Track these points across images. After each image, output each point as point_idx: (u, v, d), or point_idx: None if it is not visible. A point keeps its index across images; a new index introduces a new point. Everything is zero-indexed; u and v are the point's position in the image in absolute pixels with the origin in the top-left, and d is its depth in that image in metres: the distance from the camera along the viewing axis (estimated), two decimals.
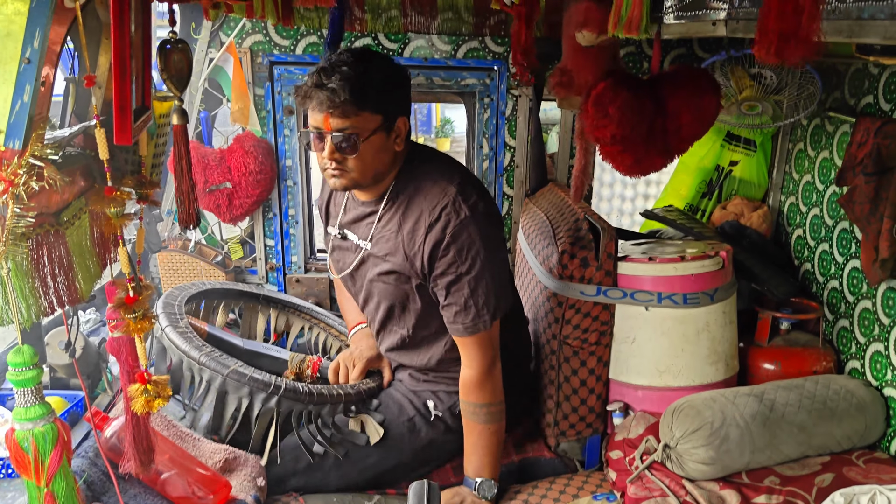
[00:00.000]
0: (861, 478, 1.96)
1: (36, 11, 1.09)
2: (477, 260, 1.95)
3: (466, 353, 2.06)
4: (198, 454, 1.98)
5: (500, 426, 2.10)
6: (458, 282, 1.97)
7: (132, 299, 1.36)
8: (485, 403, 2.06)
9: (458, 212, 1.93)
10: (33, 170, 1.12)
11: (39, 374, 1.20)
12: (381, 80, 1.88)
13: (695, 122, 1.83)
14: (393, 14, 2.80)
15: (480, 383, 2.06)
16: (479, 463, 2.09)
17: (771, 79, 2.63)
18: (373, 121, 1.87)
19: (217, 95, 2.98)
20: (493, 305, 2.00)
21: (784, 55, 0.95)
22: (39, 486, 1.20)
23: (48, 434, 1.19)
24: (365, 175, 1.95)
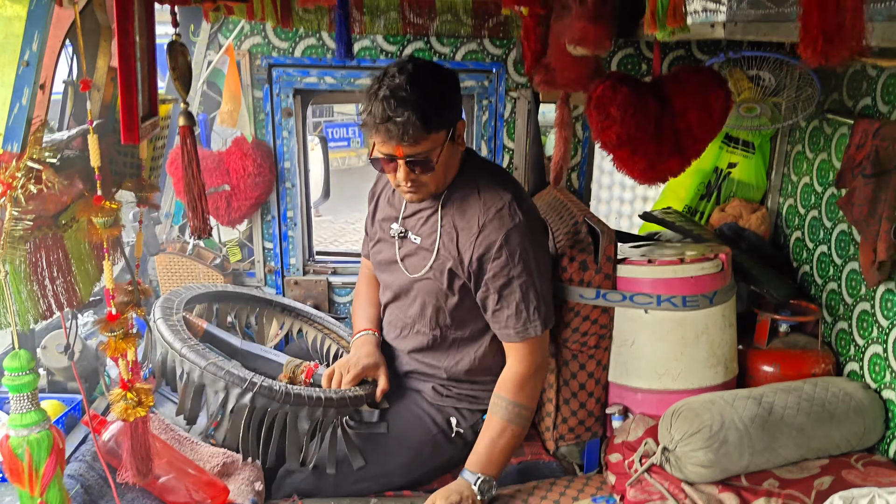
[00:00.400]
0: (860, 480, 1.96)
1: (34, 15, 1.09)
2: (529, 265, 2.00)
3: (514, 355, 2.07)
4: (195, 458, 1.97)
5: (522, 431, 2.08)
6: (510, 285, 2.00)
7: (114, 317, 1.34)
8: (518, 403, 2.05)
9: (513, 216, 2.00)
10: (31, 173, 1.12)
11: (35, 380, 1.19)
12: (440, 96, 1.92)
13: (704, 120, 1.82)
14: (392, 16, 2.80)
15: (521, 383, 2.05)
16: (489, 460, 2.04)
17: (769, 81, 2.63)
18: (441, 138, 1.93)
19: (215, 98, 2.98)
20: (543, 312, 2.03)
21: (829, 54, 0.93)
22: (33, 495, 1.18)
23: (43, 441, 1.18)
24: (439, 185, 2.05)
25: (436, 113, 1.89)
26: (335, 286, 3.17)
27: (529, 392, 2.07)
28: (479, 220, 2.01)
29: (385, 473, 2.12)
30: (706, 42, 2.91)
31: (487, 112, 3.00)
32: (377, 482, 2.12)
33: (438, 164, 1.95)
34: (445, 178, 2.05)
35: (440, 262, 2.08)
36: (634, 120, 1.72)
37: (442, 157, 1.95)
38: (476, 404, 2.25)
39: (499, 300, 2.03)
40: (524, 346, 2.05)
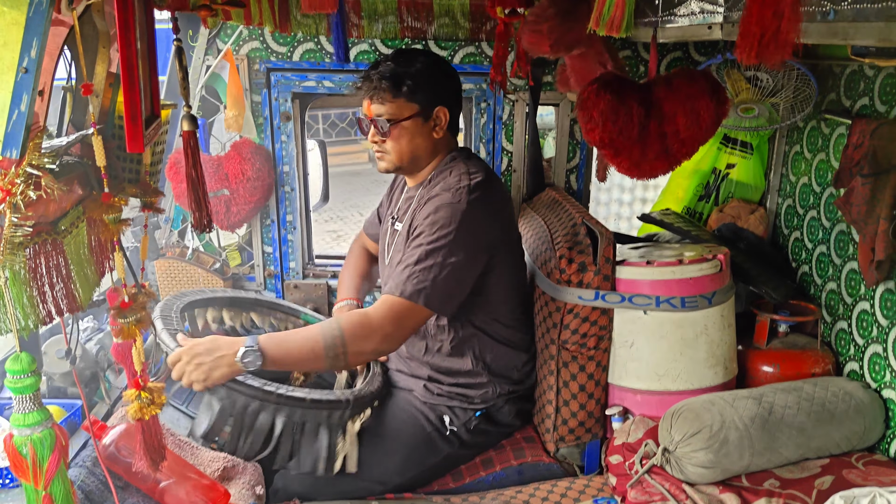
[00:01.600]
0: (861, 480, 1.96)
1: (33, 21, 1.09)
2: (441, 242, 1.99)
3: (377, 302, 2.01)
4: (196, 462, 1.98)
5: (322, 365, 1.95)
6: (416, 248, 2.01)
7: (127, 304, 1.37)
8: (343, 333, 1.92)
9: (457, 197, 2.05)
10: (31, 179, 1.12)
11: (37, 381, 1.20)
12: (417, 72, 2.09)
13: (691, 126, 1.83)
14: (390, 20, 2.80)
15: (362, 323, 1.94)
16: (280, 344, 1.91)
17: (767, 81, 2.64)
18: (408, 108, 2.10)
19: (214, 103, 2.99)
20: (423, 287, 1.95)
21: (764, 57, 1.01)
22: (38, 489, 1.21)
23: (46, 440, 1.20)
24: (402, 158, 2.17)
25: (409, 83, 2.07)
26: (335, 290, 3.17)
27: (361, 345, 1.94)
28: (435, 198, 2.10)
29: (382, 474, 2.12)
30: (703, 43, 2.92)
31: (486, 115, 3.00)
32: (375, 483, 2.12)
33: (400, 134, 2.11)
34: (412, 156, 2.17)
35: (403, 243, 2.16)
36: (616, 126, 1.74)
37: (405, 128, 2.11)
38: (468, 402, 2.26)
39: (401, 253, 2.08)
40: (385, 300, 1.98)
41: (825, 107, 2.59)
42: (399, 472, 2.14)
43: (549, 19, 1.90)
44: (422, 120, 2.12)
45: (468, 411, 2.26)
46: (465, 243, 2.02)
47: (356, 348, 1.94)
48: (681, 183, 3.20)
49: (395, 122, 2.10)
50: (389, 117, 2.10)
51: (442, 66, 2.18)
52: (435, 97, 2.12)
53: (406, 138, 2.13)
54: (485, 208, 2.08)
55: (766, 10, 0.99)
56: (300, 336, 1.96)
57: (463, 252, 2.01)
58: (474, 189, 2.07)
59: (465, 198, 2.04)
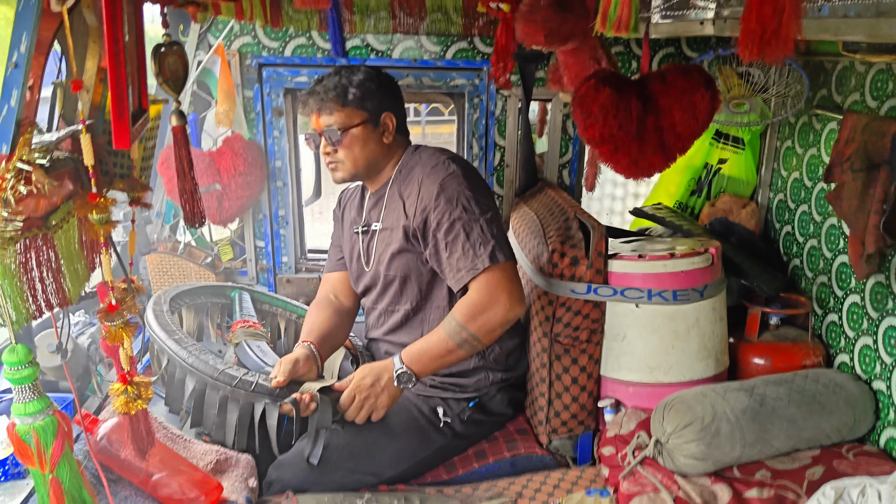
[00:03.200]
0: (851, 470, 1.98)
1: (22, 16, 1.09)
2: (470, 206, 2.07)
3: (472, 287, 2.05)
4: (189, 455, 1.98)
5: (463, 355, 2.07)
6: (453, 229, 2.06)
7: (114, 307, 1.37)
8: (467, 328, 2.01)
9: (447, 167, 2.14)
10: (21, 174, 1.12)
11: (36, 371, 1.22)
12: (360, 81, 2.16)
13: (688, 119, 1.84)
14: (382, 15, 2.80)
15: (475, 311, 2.02)
16: (419, 358, 2.04)
17: (759, 77, 2.65)
18: (356, 115, 2.15)
19: (205, 98, 2.98)
20: (492, 245, 2.03)
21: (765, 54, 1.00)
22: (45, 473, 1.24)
23: (49, 427, 1.22)
24: (357, 165, 2.21)
25: (353, 92, 2.14)
26: None
27: (483, 323, 2.02)
28: (419, 180, 2.16)
29: (375, 466, 2.13)
30: (696, 39, 2.92)
31: (478, 110, 3.00)
32: (368, 475, 2.12)
33: (351, 142, 2.16)
34: (367, 162, 2.21)
35: (399, 233, 2.19)
36: (616, 120, 1.74)
37: (355, 136, 2.16)
38: (461, 392, 2.28)
39: (447, 246, 2.08)
40: (479, 280, 2.03)
41: (816, 102, 2.60)
42: (393, 464, 2.15)
43: (544, 9, 1.89)
44: (371, 126, 2.18)
45: (461, 402, 2.27)
46: (482, 193, 2.14)
47: (485, 331, 2.03)
48: (673, 178, 3.21)
49: (345, 129, 2.15)
50: (339, 126, 2.14)
51: (381, 76, 2.24)
52: (380, 104, 2.19)
53: (358, 145, 2.18)
54: (472, 167, 2.22)
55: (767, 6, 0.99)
56: (433, 344, 2.06)
57: (487, 201, 2.13)
58: (454, 159, 2.19)
59: (454, 166, 2.14)
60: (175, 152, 1.51)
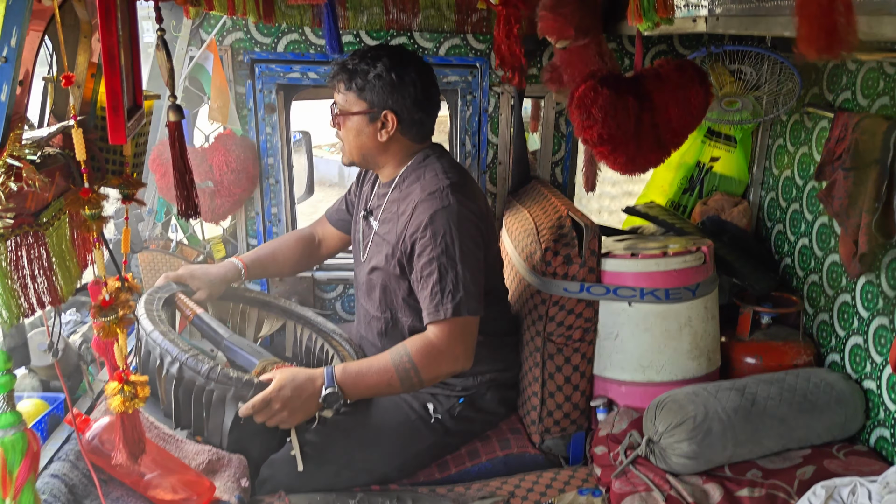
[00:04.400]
0: (841, 470, 1.98)
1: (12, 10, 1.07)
2: (451, 249, 2.03)
3: (429, 329, 2.05)
4: (181, 455, 1.96)
5: (399, 388, 2.03)
6: (430, 265, 2.04)
7: (108, 302, 1.35)
8: (415, 364, 2.00)
9: (444, 199, 2.07)
10: (11, 170, 1.11)
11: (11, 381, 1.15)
12: (372, 73, 2.11)
13: (683, 115, 1.84)
14: (375, 11, 2.79)
15: (428, 350, 2.01)
16: (353, 381, 1.99)
17: (751, 75, 2.65)
18: (356, 104, 2.15)
19: (197, 94, 2.96)
20: (460, 297, 2.01)
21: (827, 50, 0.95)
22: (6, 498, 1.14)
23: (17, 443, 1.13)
24: (351, 152, 2.24)
25: (359, 80, 2.13)
26: (320, 282, 3.16)
27: (432, 366, 2.02)
28: (415, 202, 2.11)
29: (367, 463, 2.13)
30: (688, 36, 2.92)
31: (471, 107, 3.00)
32: (360, 472, 2.12)
33: (348, 130, 2.19)
34: (360, 152, 2.23)
35: (388, 247, 2.18)
36: (615, 121, 1.74)
37: (351, 123, 2.17)
38: (450, 389, 2.28)
39: (420, 279, 2.07)
40: (439, 326, 2.03)
41: (808, 100, 2.61)
42: (384, 461, 2.15)
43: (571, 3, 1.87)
44: (367, 119, 2.15)
45: (451, 398, 2.27)
46: (469, 241, 2.07)
47: (430, 375, 2.04)
48: (665, 176, 3.21)
49: (342, 113, 2.18)
50: (340, 108, 2.18)
51: (400, 71, 2.12)
52: (384, 100, 2.13)
53: (352, 133, 2.19)
54: (470, 204, 2.12)
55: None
56: (374, 371, 2.03)
57: (471, 250, 2.07)
58: (455, 188, 2.11)
59: (451, 199, 2.07)
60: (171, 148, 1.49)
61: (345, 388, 1.98)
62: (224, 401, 1.95)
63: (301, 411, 1.95)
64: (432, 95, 2.22)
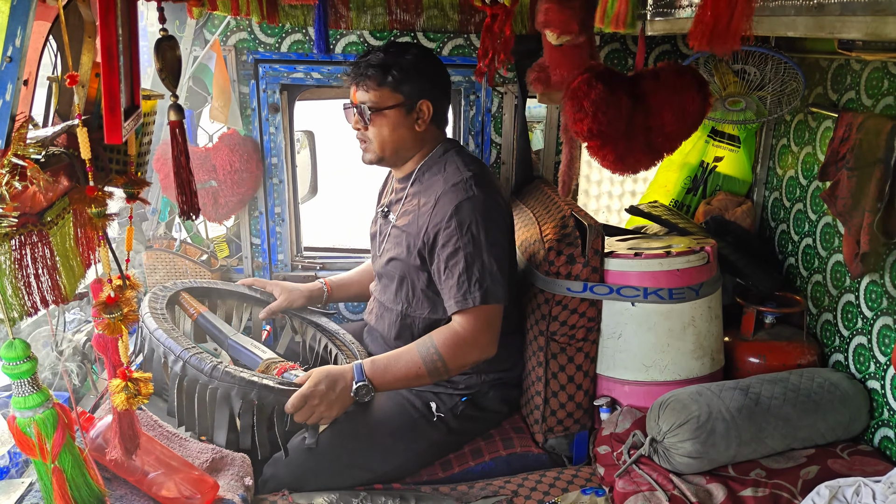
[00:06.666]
0: (845, 470, 1.98)
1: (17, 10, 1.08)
2: (478, 238, 2.05)
3: (456, 320, 2.09)
4: (185, 454, 1.97)
5: (427, 379, 2.08)
6: (456, 255, 2.06)
7: (113, 299, 1.36)
8: (441, 356, 2.04)
9: (468, 190, 2.09)
10: (16, 169, 1.11)
11: (34, 365, 1.22)
12: (406, 63, 2.13)
13: (677, 120, 1.83)
14: (378, 11, 2.79)
15: (455, 342, 2.05)
16: (382, 374, 2.04)
17: (754, 75, 2.65)
18: (391, 98, 2.14)
19: (201, 93, 2.97)
20: (487, 285, 2.04)
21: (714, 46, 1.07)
22: (46, 462, 1.25)
23: (49, 419, 1.23)
24: (384, 148, 2.20)
25: (394, 73, 2.11)
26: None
27: (459, 356, 2.06)
28: (437, 194, 2.13)
29: (370, 461, 2.13)
30: None
31: (475, 107, 3.00)
32: (363, 471, 2.12)
33: (381, 123, 2.15)
34: (394, 147, 2.20)
35: (408, 238, 2.19)
36: (606, 117, 1.74)
37: (386, 117, 2.15)
38: (454, 388, 2.29)
39: (445, 269, 2.09)
40: (466, 315, 2.06)
41: (812, 100, 2.60)
42: (387, 459, 2.15)
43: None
44: (405, 111, 2.16)
45: (454, 396, 2.28)
46: (496, 231, 2.10)
47: (457, 364, 2.07)
48: (669, 176, 3.21)
49: (377, 109, 2.14)
50: (372, 105, 2.14)
51: (431, 61, 2.21)
52: (420, 90, 2.16)
53: (388, 128, 2.16)
54: (495, 195, 2.16)
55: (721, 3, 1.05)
56: (403, 364, 2.06)
57: (497, 240, 2.10)
58: (478, 179, 2.13)
59: (475, 190, 2.10)
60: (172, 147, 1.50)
61: (374, 381, 2.03)
62: (228, 399, 1.95)
63: (338, 404, 2.00)
64: (451, 84, 2.31)
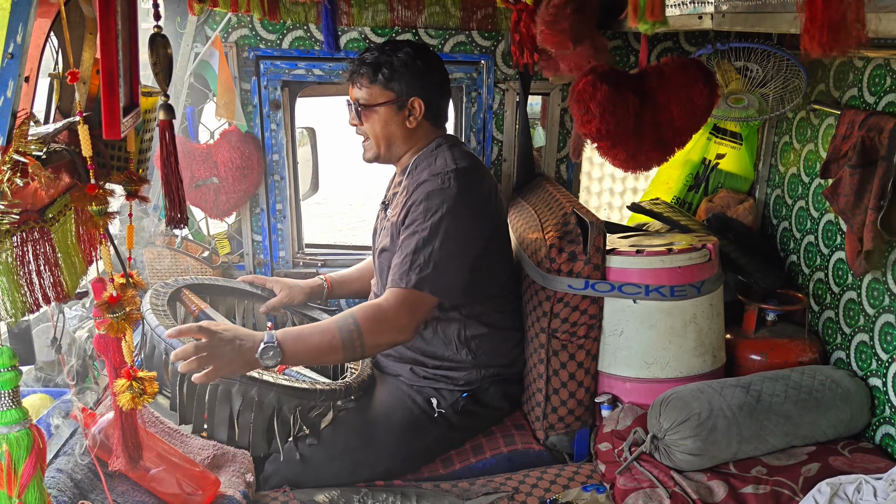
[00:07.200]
0: (847, 467, 1.98)
1: (19, 6, 1.08)
2: (437, 228, 2.04)
3: (385, 294, 2.05)
4: (186, 450, 1.97)
5: (339, 357, 2.02)
6: (412, 237, 2.06)
7: (115, 299, 1.35)
8: (359, 326, 1.96)
9: (445, 182, 2.10)
10: (17, 166, 1.11)
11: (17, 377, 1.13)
12: (397, 61, 2.17)
13: (686, 114, 1.83)
14: (380, 8, 2.79)
15: (376, 313, 2.00)
16: (294, 340, 1.93)
17: (757, 72, 2.64)
18: (381, 95, 2.20)
19: (202, 90, 2.96)
20: (427, 274, 2.01)
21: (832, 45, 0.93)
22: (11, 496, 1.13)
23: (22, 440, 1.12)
24: (378, 145, 2.27)
25: (385, 71, 2.17)
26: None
27: (377, 332, 2.00)
28: (420, 181, 2.15)
29: (371, 457, 2.13)
30: (694, 33, 2.92)
31: (476, 104, 2.99)
32: (365, 467, 2.13)
33: (374, 122, 2.22)
34: (387, 143, 2.26)
35: (393, 229, 2.20)
36: (614, 117, 1.74)
37: (378, 114, 2.21)
38: (454, 384, 2.29)
39: (399, 247, 2.10)
40: (395, 293, 2.03)
41: (814, 97, 2.60)
42: (388, 454, 2.15)
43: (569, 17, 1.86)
44: (395, 108, 2.21)
45: (454, 392, 2.28)
46: (459, 228, 2.07)
47: (373, 341, 2.01)
48: (671, 173, 3.21)
49: (368, 106, 2.21)
50: (364, 102, 2.21)
51: (424, 58, 2.22)
52: (411, 87, 2.19)
53: (379, 124, 2.23)
54: (473, 193, 2.14)
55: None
56: (317, 332, 1.99)
57: (457, 236, 2.07)
58: (461, 174, 2.12)
59: (453, 183, 2.09)
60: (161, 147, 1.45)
61: (284, 346, 1.89)
62: (229, 395, 1.96)
63: (231, 361, 1.82)
64: (448, 81, 2.32)
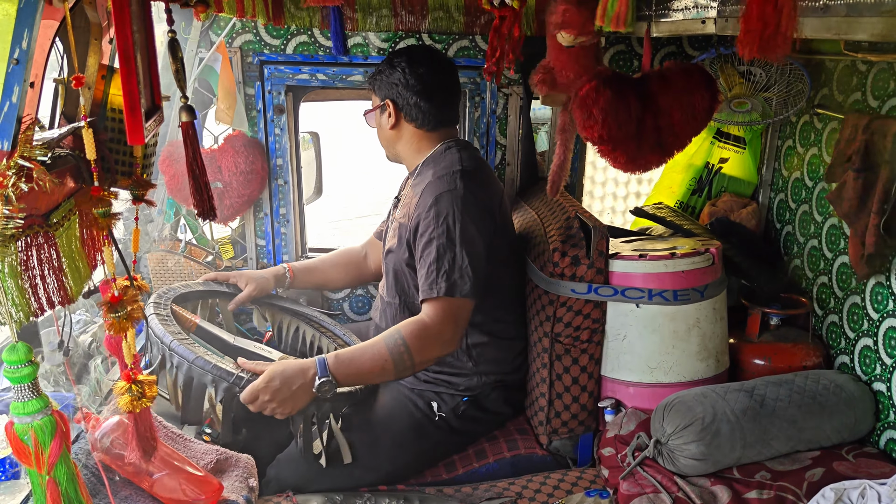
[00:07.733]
0: (851, 472, 1.97)
1: (24, 12, 1.08)
2: (452, 231, 2.06)
3: (423, 309, 2.07)
4: (189, 455, 1.97)
5: (393, 372, 2.01)
6: (430, 245, 2.07)
7: (116, 299, 1.37)
8: (408, 346, 1.99)
9: (452, 183, 2.12)
10: (22, 171, 1.12)
11: (35, 370, 1.20)
12: (381, 68, 2.31)
13: (687, 119, 1.83)
14: (383, 13, 2.79)
15: (422, 332, 2.01)
16: (346, 368, 1.96)
17: (760, 76, 2.64)
18: (375, 100, 2.37)
19: (207, 95, 2.97)
20: (454, 279, 2.03)
21: (766, 52, 1.03)
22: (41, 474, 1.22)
23: (47, 426, 1.21)
24: (384, 147, 2.43)
25: (374, 78, 2.34)
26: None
27: (425, 347, 2.01)
28: (425, 184, 2.17)
29: (372, 461, 2.13)
30: (697, 37, 2.92)
31: (479, 109, 3.00)
32: (366, 471, 2.13)
33: (374, 126, 2.39)
34: (385, 144, 2.40)
35: (401, 230, 2.23)
36: (616, 122, 1.74)
37: (375, 121, 2.38)
38: (455, 388, 2.29)
39: (420, 258, 2.11)
40: (432, 305, 2.04)
41: (818, 101, 2.59)
42: (390, 458, 2.15)
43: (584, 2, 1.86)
44: (379, 111, 2.34)
45: (455, 397, 2.28)
46: (471, 226, 2.09)
47: (421, 358, 2.03)
48: (674, 177, 3.21)
49: (367, 112, 2.39)
50: (367, 108, 2.39)
51: (407, 61, 2.26)
52: (386, 91, 2.30)
53: (376, 128, 2.39)
54: (479, 192, 2.16)
55: (768, 5, 1.01)
56: (368, 356, 2.01)
57: (472, 236, 2.09)
58: (466, 175, 2.15)
59: (459, 184, 2.12)
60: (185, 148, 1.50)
61: (338, 376, 1.94)
62: (232, 400, 1.96)
63: (292, 402, 1.91)
64: (433, 82, 2.27)
